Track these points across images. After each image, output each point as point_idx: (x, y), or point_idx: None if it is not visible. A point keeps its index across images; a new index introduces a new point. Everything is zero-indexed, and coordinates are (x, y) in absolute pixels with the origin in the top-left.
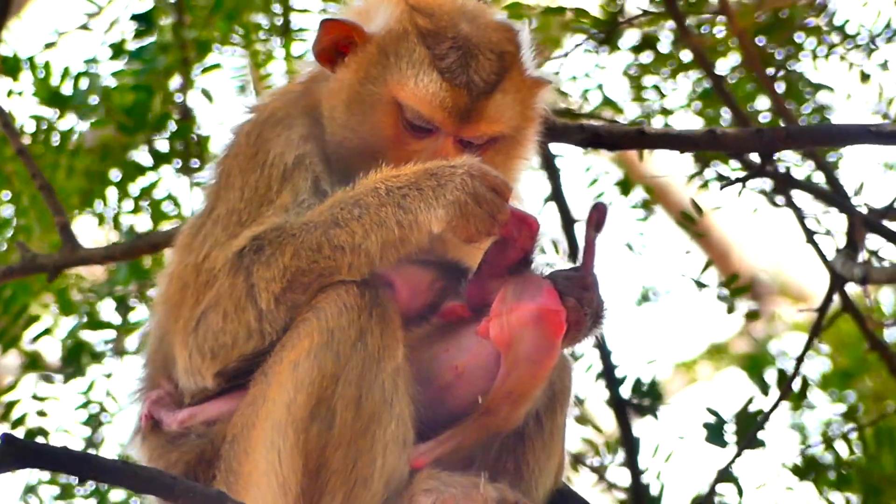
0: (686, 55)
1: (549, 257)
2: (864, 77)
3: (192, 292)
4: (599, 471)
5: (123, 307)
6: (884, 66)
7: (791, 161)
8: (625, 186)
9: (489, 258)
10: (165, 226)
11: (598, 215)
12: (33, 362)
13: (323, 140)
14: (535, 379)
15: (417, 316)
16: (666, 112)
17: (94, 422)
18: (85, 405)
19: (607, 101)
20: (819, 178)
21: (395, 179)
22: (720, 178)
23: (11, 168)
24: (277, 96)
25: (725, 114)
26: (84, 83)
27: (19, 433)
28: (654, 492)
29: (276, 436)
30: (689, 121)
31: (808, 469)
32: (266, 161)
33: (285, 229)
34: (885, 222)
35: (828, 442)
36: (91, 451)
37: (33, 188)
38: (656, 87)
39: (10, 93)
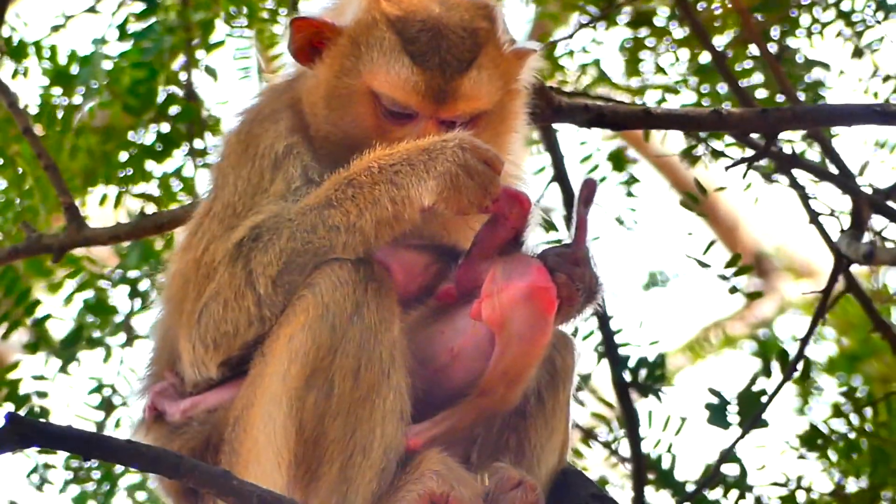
0: (680, 31)
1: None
2: (858, 53)
3: (194, 286)
4: (609, 445)
5: (134, 291)
6: (880, 41)
7: (795, 141)
8: (618, 162)
9: (480, 239)
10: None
11: (587, 191)
12: (40, 342)
13: (309, 134)
14: (530, 357)
15: (413, 299)
16: (663, 88)
17: (105, 405)
18: (98, 389)
19: (603, 77)
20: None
21: (387, 157)
22: (715, 153)
23: (16, 148)
24: (264, 95)
25: (721, 89)
26: (90, 64)
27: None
28: (663, 466)
29: (273, 408)
30: (684, 97)
31: (816, 438)
32: (256, 153)
33: (282, 215)
34: (890, 203)
35: (837, 410)
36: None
37: (38, 168)
38: (656, 65)
39: (14, 73)
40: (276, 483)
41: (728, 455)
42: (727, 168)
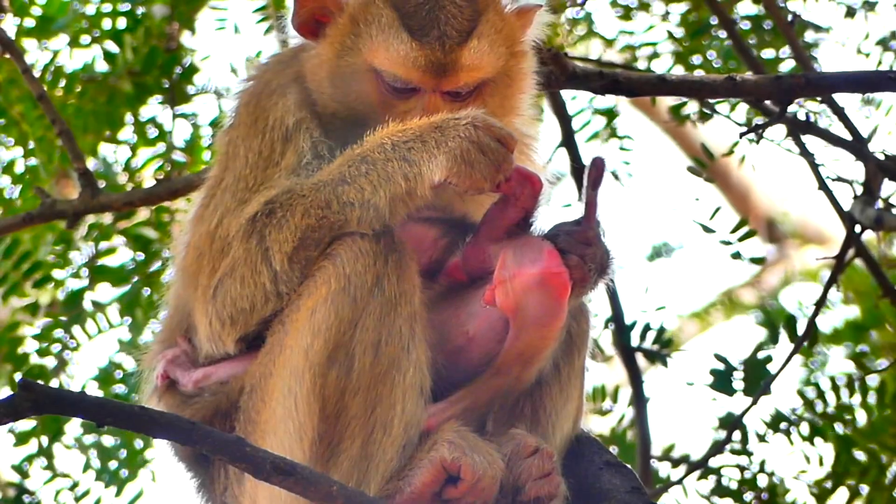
0: None
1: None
2: (850, 13)
3: (208, 260)
4: None
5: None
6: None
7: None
8: (610, 117)
9: (489, 219)
10: (146, 151)
11: (596, 171)
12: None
13: (316, 110)
14: (545, 339)
15: (424, 273)
16: (653, 45)
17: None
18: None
19: (594, 33)
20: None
21: (401, 134)
22: (703, 114)
23: (19, 109)
24: (271, 65)
25: (712, 55)
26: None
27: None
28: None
29: (294, 382)
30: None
31: (780, 422)
32: (266, 126)
33: (295, 191)
34: None
35: (803, 397)
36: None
37: (40, 129)
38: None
39: (19, 31)
40: (297, 458)
41: (737, 424)
42: (741, 135)
